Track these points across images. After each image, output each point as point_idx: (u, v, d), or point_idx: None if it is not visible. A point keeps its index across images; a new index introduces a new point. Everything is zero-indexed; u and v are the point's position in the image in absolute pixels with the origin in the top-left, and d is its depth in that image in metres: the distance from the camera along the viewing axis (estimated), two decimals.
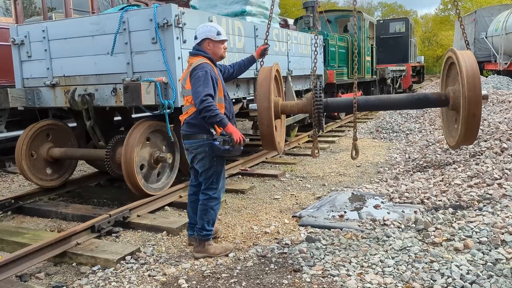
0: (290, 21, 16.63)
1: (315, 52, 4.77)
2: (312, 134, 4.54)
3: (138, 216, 4.50)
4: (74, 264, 3.62)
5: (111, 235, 4.15)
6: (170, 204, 4.99)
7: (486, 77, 18.85)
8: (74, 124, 6.09)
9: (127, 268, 3.42)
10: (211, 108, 3.33)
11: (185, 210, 4.87)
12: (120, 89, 4.59)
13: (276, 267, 3.28)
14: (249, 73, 6.15)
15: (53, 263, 3.66)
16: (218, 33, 3.63)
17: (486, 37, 21.24)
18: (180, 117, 3.69)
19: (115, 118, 6.37)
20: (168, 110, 4.61)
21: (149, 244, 3.92)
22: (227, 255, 3.61)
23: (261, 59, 4.36)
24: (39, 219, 4.85)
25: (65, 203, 5.20)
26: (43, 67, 5.25)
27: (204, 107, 3.32)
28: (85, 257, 3.60)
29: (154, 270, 3.37)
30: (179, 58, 4.58)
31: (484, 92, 3.95)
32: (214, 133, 3.53)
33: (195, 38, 3.66)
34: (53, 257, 3.62)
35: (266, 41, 4.34)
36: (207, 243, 3.62)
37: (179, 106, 4.67)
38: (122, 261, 3.52)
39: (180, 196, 5.14)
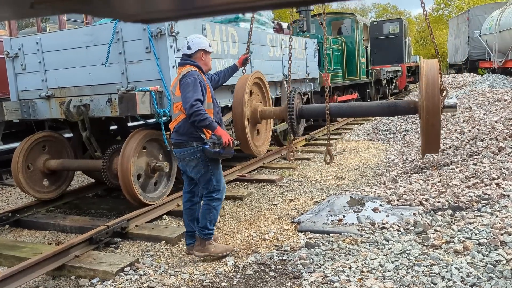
0: (284, 25, 16.68)
1: (290, 54, 4.97)
2: (288, 139, 4.81)
3: (136, 226, 4.48)
4: (73, 277, 3.60)
5: (109, 247, 4.13)
6: (168, 213, 4.98)
7: (481, 75, 18.92)
8: (70, 135, 6.08)
9: (126, 280, 3.40)
10: (201, 112, 3.45)
11: (183, 219, 4.86)
12: (115, 99, 4.58)
13: (275, 275, 3.27)
14: None
15: (51, 277, 3.63)
16: (209, 45, 3.84)
17: (480, 36, 21.36)
18: (170, 125, 3.80)
19: (111, 127, 6.36)
20: (164, 119, 4.61)
21: (148, 255, 3.90)
22: (227, 255, 3.70)
23: (243, 67, 4.61)
24: (37, 232, 4.83)
25: (62, 215, 5.17)
26: (38, 79, 5.24)
27: (194, 111, 3.44)
28: (84, 270, 3.58)
29: (153, 281, 3.35)
30: (173, 66, 4.58)
31: (452, 101, 3.97)
32: (204, 137, 3.61)
33: (188, 48, 3.74)
34: (51, 270, 3.59)
35: (247, 50, 4.50)
36: (208, 242, 3.69)
37: None
38: (121, 273, 3.51)
39: (178, 205, 5.11)
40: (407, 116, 10.62)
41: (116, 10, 0.57)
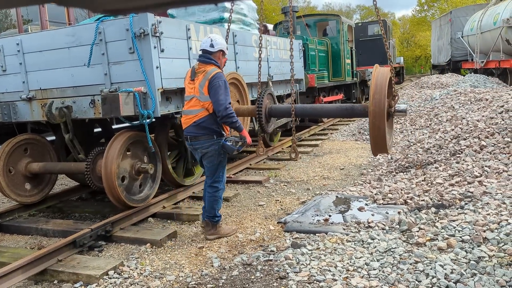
0: (270, 27, 16.70)
1: (260, 51, 5.04)
2: (258, 134, 5.20)
3: (121, 229, 4.42)
4: (55, 281, 3.53)
5: (93, 250, 4.07)
6: (153, 215, 4.93)
7: (464, 75, 19.20)
8: (53, 138, 5.98)
9: (111, 284, 3.36)
10: (233, 115, 3.94)
11: (168, 221, 4.83)
12: (98, 100, 4.52)
13: (262, 275, 3.25)
14: None
15: (34, 282, 3.57)
16: (227, 48, 4.27)
17: (462, 37, 21.67)
18: (185, 119, 4.09)
19: (95, 130, 6.28)
20: (148, 120, 4.56)
21: (132, 258, 3.85)
22: (234, 234, 4.22)
23: None
24: (19, 236, 4.74)
25: (45, 219, 5.08)
26: (19, 80, 5.15)
27: (228, 114, 3.90)
28: (67, 274, 3.52)
29: (138, 284, 3.31)
30: (157, 67, 4.54)
31: (402, 106, 4.35)
32: (224, 133, 4.09)
33: (211, 46, 4.08)
34: (33, 275, 3.53)
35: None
36: (218, 226, 4.22)
37: (159, 115, 4.64)
38: (105, 276, 3.46)
39: (164, 207, 5.08)
40: None
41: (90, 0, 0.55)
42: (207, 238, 4.17)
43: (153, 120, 4.65)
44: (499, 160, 5.09)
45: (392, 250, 3.39)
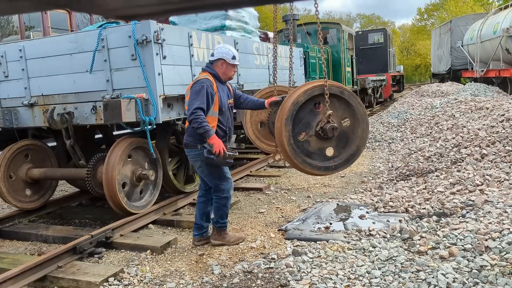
0: (271, 34, 16.77)
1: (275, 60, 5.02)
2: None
3: (121, 235, 4.41)
4: None
5: (93, 256, 4.05)
6: (154, 222, 4.92)
7: (464, 84, 19.25)
8: (54, 144, 5.98)
9: None
10: (198, 120, 3.73)
11: (169, 228, 4.82)
12: (100, 106, 4.53)
13: (262, 283, 3.24)
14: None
15: None
16: (233, 57, 4.03)
17: (462, 46, 21.75)
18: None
19: (96, 136, 6.28)
20: (149, 127, 4.57)
21: (132, 264, 3.84)
22: (240, 243, 4.12)
23: (270, 108, 4.47)
24: (19, 242, 4.72)
25: (45, 225, 5.07)
26: (21, 86, 5.16)
27: (192, 118, 3.74)
28: (67, 281, 3.50)
29: None
30: (159, 74, 4.55)
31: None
32: (205, 142, 3.90)
33: (212, 55, 4.06)
34: (33, 281, 3.51)
35: (280, 97, 4.29)
36: (224, 232, 4.15)
37: (160, 122, 4.65)
38: (105, 283, 3.44)
39: (164, 214, 5.06)
40: (392, 124, 10.74)
41: (98, 5, 0.56)
42: (211, 242, 4.17)
43: (154, 126, 4.65)
44: (500, 168, 5.09)
45: (393, 258, 3.38)
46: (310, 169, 3.99)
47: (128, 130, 4.97)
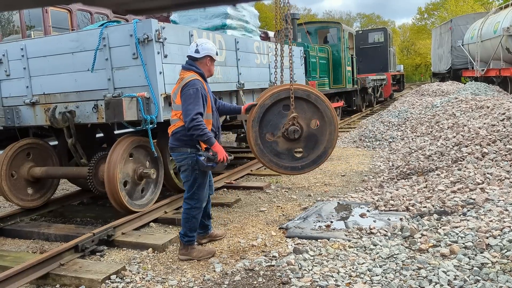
0: (271, 34, 16.77)
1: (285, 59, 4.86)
2: None
3: (123, 233, 4.42)
4: (57, 285, 3.53)
5: (95, 254, 4.07)
6: (155, 221, 4.93)
7: (464, 83, 19.26)
8: (56, 142, 5.99)
9: None
10: (200, 127, 3.55)
11: (170, 226, 4.83)
12: (101, 105, 4.54)
13: (264, 280, 3.25)
14: (231, 86, 6.18)
15: (36, 286, 3.56)
16: (216, 53, 3.96)
17: (462, 45, 21.76)
18: (168, 129, 3.90)
19: (97, 135, 6.30)
20: (151, 125, 4.58)
21: (134, 262, 3.85)
22: (209, 258, 3.82)
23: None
24: (21, 240, 4.73)
25: (47, 223, 5.09)
26: (22, 85, 5.17)
27: (194, 125, 3.55)
28: (69, 278, 3.51)
29: None
30: (160, 72, 4.56)
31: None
32: (199, 147, 3.71)
33: (196, 51, 3.82)
34: (35, 279, 3.52)
35: (255, 101, 4.41)
36: (191, 247, 3.86)
37: (162, 121, 4.65)
38: (107, 281, 3.45)
39: (165, 212, 5.08)
40: (392, 123, 10.75)
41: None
42: (179, 257, 3.87)
43: (155, 125, 4.66)
44: (501, 167, 5.10)
45: (394, 256, 3.39)
46: (277, 168, 4.20)
47: (129, 129, 4.98)
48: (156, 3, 0.59)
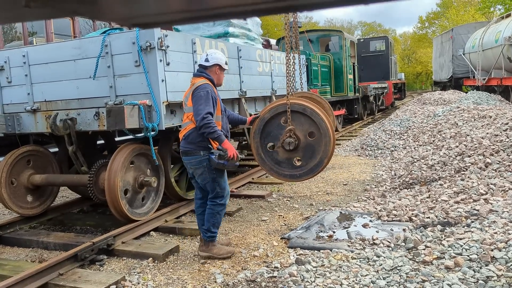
0: (273, 41, 16.81)
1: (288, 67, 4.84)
2: None
3: (123, 242, 4.38)
4: None
5: (95, 264, 4.02)
6: (155, 229, 4.88)
7: (466, 92, 19.25)
8: (56, 149, 5.97)
9: None
10: (210, 125, 3.72)
11: (171, 235, 4.78)
12: (102, 113, 4.52)
13: None
14: (233, 94, 6.16)
15: None
16: (226, 63, 4.16)
17: (463, 54, 21.78)
18: (179, 133, 4.04)
19: (98, 142, 6.27)
20: (152, 133, 4.55)
21: (134, 272, 3.80)
22: (229, 257, 3.95)
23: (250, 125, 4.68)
24: (20, 249, 4.69)
25: (46, 232, 5.04)
26: (24, 92, 5.15)
27: (204, 123, 3.71)
28: None
29: None
30: (162, 80, 4.54)
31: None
32: (211, 147, 3.87)
33: (206, 60, 4.01)
34: None
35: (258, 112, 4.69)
36: (212, 244, 3.99)
37: (163, 128, 4.63)
38: None
39: (166, 221, 5.03)
40: (394, 132, 10.72)
41: (117, 13, 0.54)
42: (199, 254, 4.03)
43: (157, 133, 4.63)
44: (505, 178, 5.06)
45: (398, 268, 3.34)
46: (277, 176, 4.54)
47: (131, 136, 4.96)
48: (163, 17, 0.57)
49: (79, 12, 0.53)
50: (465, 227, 3.95)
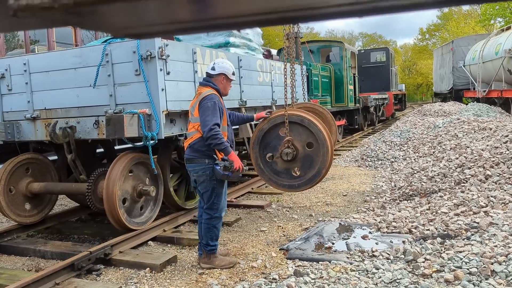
0: (273, 52, 16.88)
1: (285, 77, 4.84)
2: None
3: (120, 252, 4.34)
4: None
5: (91, 274, 3.99)
6: (153, 239, 4.85)
7: (466, 104, 19.28)
8: (55, 157, 5.96)
9: None
10: (217, 137, 3.76)
11: (169, 245, 4.75)
12: (102, 121, 4.52)
13: None
14: (234, 103, 6.17)
15: None
16: (233, 73, 4.19)
17: (464, 66, 21.86)
18: (185, 142, 4.07)
19: (98, 150, 6.26)
20: (152, 142, 4.54)
21: (131, 282, 3.77)
22: (231, 267, 3.93)
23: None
24: (17, 257, 4.65)
25: (44, 240, 5.01)
26: (24, 100, 5.16)
27: (212, 135, 3.74)
28: None
29: None
30: (162, 89, 4.55)
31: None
32: (216, 157, 3.89)
33: (213, 69, 4.04)
34: None
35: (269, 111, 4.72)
36: (213, 256, 3.98)
37: (163, 137, 4.62)
38: None
39: (164, 230, 5.00)
40: (394, 143, 10.70)
41: (107, 23, 0.53)
42: (200, 266, 4.02)
43: (156, 142, 4.63)
44: (505, 190, 5.03)
45: (397, 281, 3.31)
46: (276, 186, 4.54)
47: (130, 145, 4.95)
48: (156, 28, 0.56)
49: (70, 22, 0.53)
50: (465, 239, 3.92)
